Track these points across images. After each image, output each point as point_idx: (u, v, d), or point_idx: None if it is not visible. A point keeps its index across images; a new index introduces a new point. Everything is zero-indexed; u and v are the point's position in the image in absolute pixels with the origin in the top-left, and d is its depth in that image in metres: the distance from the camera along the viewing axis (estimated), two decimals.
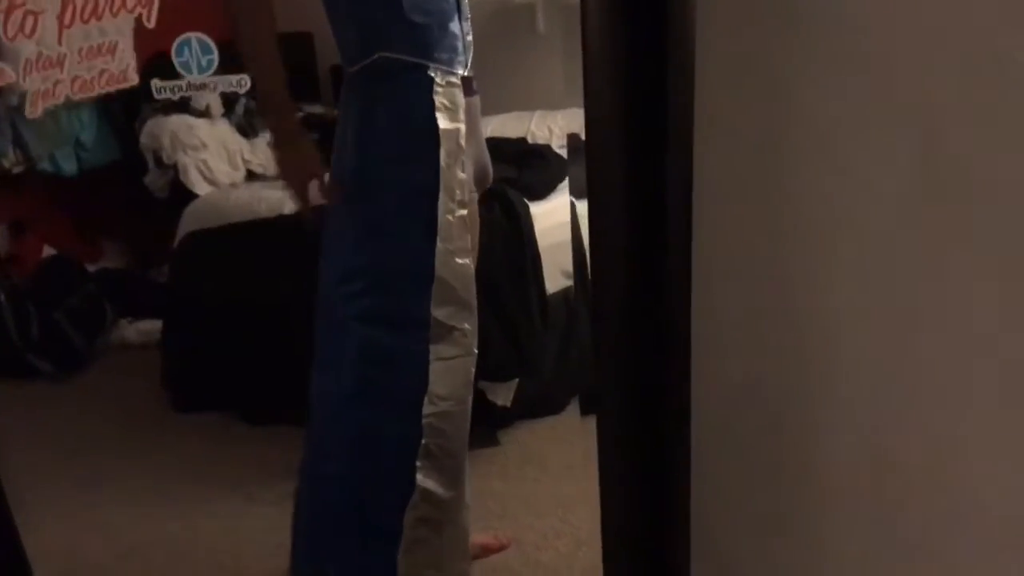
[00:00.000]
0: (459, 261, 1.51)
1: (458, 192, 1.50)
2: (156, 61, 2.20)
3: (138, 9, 0.75)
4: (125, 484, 2.42)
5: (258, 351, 2.70)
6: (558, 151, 3.18)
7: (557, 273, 2.66)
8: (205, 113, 3.55)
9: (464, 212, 1.51)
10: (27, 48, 0.77)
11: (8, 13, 0.74)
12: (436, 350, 1.49)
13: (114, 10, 0.75)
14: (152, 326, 3.28)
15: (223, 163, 3.66)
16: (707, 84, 0.96)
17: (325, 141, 1.60)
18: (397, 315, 1.51)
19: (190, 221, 2.93)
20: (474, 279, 1.56)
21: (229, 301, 2.76)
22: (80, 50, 0.77)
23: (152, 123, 3.41)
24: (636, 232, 1.06)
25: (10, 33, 0.74)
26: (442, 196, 1.48)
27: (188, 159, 3.57)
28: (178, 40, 0.87)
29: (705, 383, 1.06)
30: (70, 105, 3.18)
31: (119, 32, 0.79)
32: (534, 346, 2.52)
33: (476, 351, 1.56)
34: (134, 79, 0.82)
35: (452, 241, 1.49)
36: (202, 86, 0.87)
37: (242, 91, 0.88)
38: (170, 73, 1.12)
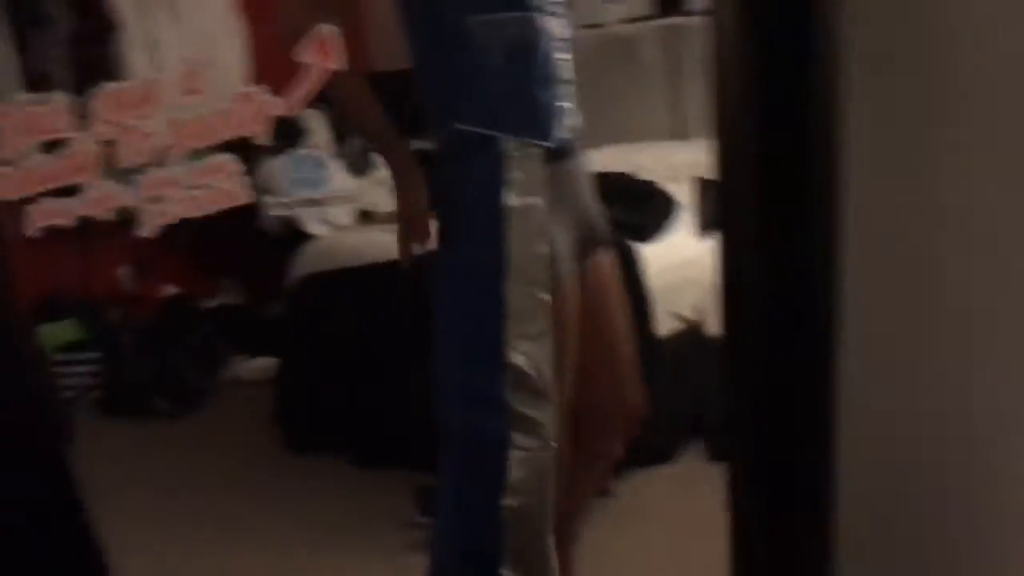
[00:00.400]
0: (535, 346, 1.40)
1: (536, 272, 1.40)
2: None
3: (252, 128, 0.72)
4: (230, 524, 2.47)
5: (373, 395, 2.72)
6: (663, 186, 3.08)
7: (667, 316, 2.59)
8: (318, 152, 3.61)
9: (545, 294, 1.40)
10: (141, 172, 0.75)
11: (125, 136, 0.72)
12: (515, 438, 1.40)
13: (227, 130, 0.72)
14: (266, 363, 3.34)
15: (336, 202, 3.70)
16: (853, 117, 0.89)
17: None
18: (474, 396, 1.43)
19: (306, 263, 2.97)
20: (555, 362, 1.44)
21: (346, 344, 2.79)
22: (193, 171, 0.75)
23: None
24: (774, 269, 0.99)
25: (126, 156, 0.72)
26: (511, 278, 1.39)
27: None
28: (294, 158, 0.84)
29: (852, 427, 0.98)
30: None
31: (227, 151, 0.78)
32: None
33: (555, 444, 1.44)
34: (247, 197, 0.80)
35: (526, 324, 1.39)
36: (314, 202, 0.85)
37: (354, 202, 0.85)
38: None
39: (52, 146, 0.79)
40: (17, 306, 0.82)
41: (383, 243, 2.84)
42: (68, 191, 0.79)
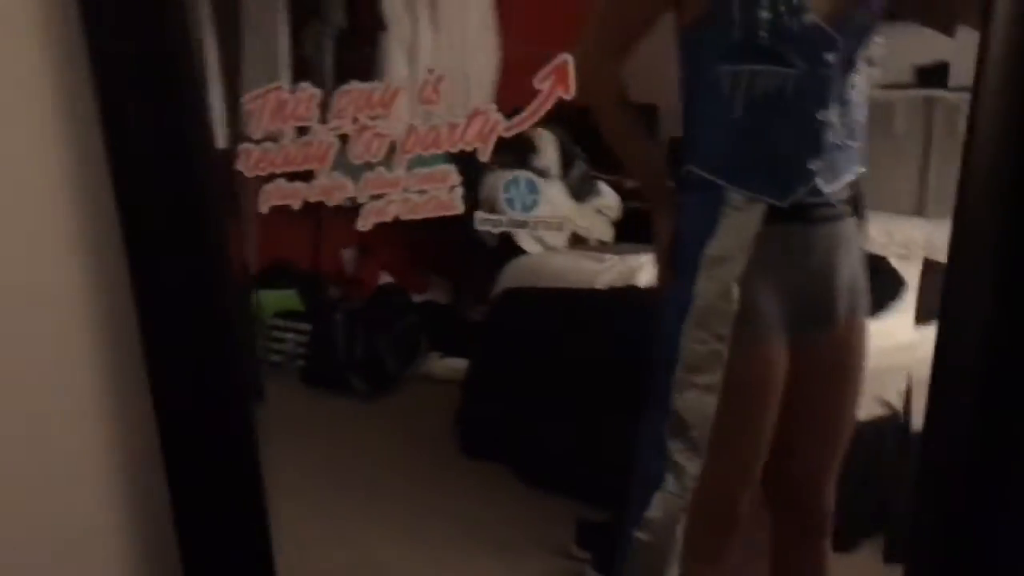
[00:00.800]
0: (701, 397, 1.39)
1: (717, 325, 1.38)
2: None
3: (476, 143, 0.75)
4: (388, 510, 2.56)
5: (551, 417, 2.75)
6: (892, 264, 2.92)
7: (872, 400, 2.44)
8: (544, 173, 3.70)
9: (722, 348, 1.38)
10: (369, 167, 0.79)
11: (359, 134, 0.76)
12: (666, 479, 1.43)
13: (453, 142, 0.75)
14: (459, 364, 3.45)
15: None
16: None
17: None
18: (647, 431, 1.48)
19: (510, 278, 3.05)
20: (724, 420, 1.44)
21: (534, 361, 2.84)
22: (415, 175, 0.78)
23: (493, 176, 3.59)
24: (993, 369, 0.91)
25: (357, 152, 0.77)
26: (692, 324, 1.39)
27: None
28: (508, 178, 0.87)
29: None
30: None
31: (450, 162, 0.81)
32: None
33: (690, 498, 1.46)
34: (460, 208, 0.83)
35: (697, 373, 1.39)
36: (522, 223, 0.87)
37: (560, 230, 0.86)
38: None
39: (300, 132, 0.84)
40: (235, 270, 0.88)
41: (587, 269, 2.90)
42: (303, 176, 0.85)
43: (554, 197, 3.61)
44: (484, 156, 0.79)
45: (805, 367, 1.49)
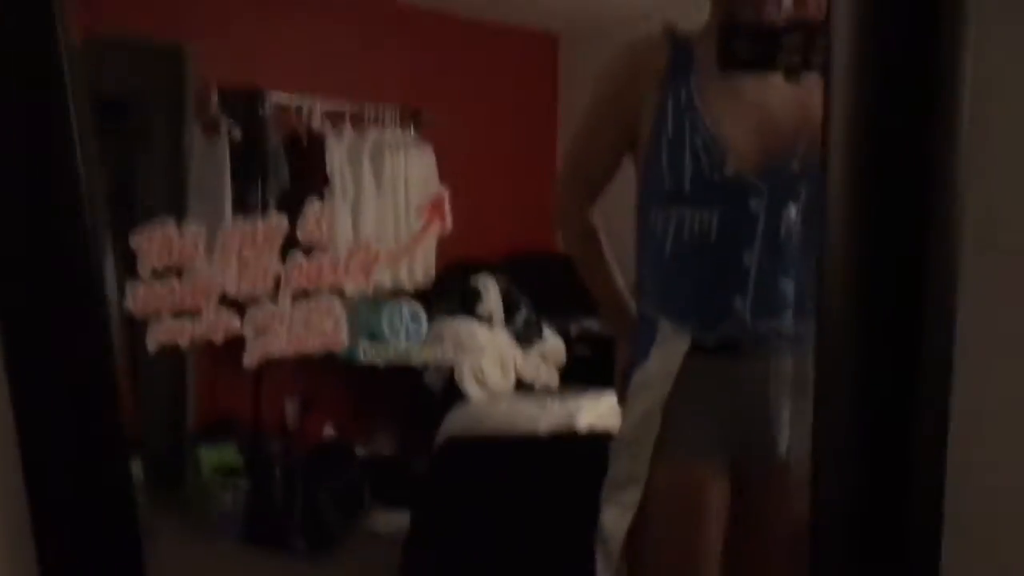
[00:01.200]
0: (621, 515, 1.46)
1: (639, 448, 1.45)
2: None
3: (357, 277, 0.76)
4: None
5: (498, 570, 2.67)
6: None
7: None
8: (488, 320, 3.74)
9: (642, 471, 1.44)
10: (255, 303, 0.80)
11: (244, 269, 0.77)
12: None
13: (335, 277, 0.77)
14: (403, 519, 3.35)
15: (496, 368, 3.78)
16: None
17: None
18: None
19: (453, 426, 3.02)
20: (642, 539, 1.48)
21: (478, 514, 2.78)
22: (300, 308, 0.79)
23: (437, 323, 3.62)
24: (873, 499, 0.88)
25: (241, 289, 0.78)
26: (618, 444, 1.50)
27: (465, 361, 3.74)
28: (390, 307, 0.88)
29: None
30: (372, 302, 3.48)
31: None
32: None
33: None
34: (344, 342, 0.83)
35: (618, 492, 1.47)
36: (406, 352, 0.87)
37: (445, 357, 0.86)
38: None
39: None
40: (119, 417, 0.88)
41: (529, 415, 2.89)
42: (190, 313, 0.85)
43: (500, 342, 3.64)
44: (367, 289, 0.80)
45: (751, 501, 1.49)
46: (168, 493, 3.50)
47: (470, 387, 3.74)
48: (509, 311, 3.87)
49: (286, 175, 3.59)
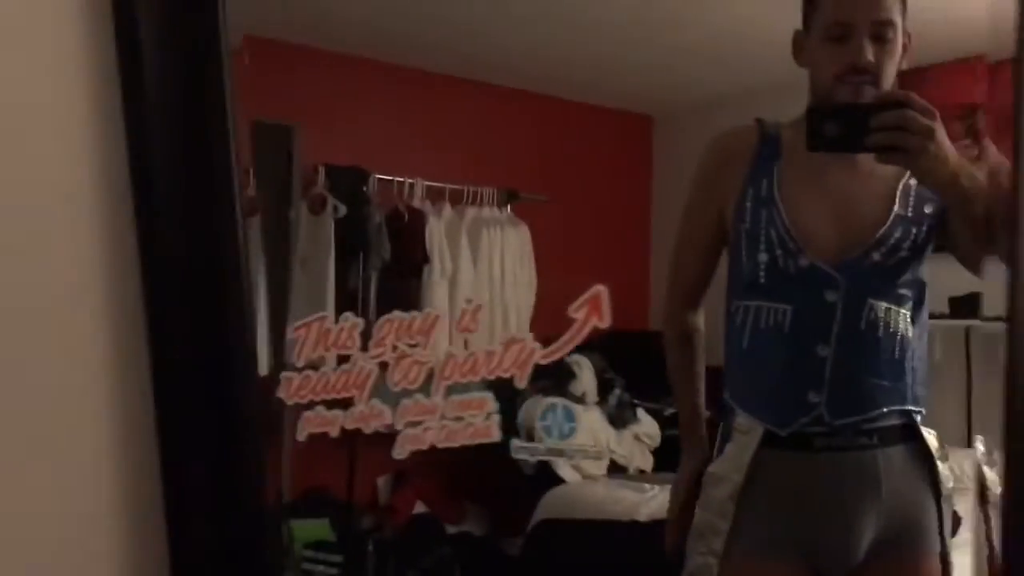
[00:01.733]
0: None
1: (708, 542, 1.44)
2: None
3: (512, 371, 0.75)
4: None
5: None
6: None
7: None
8: (581, 399, 3.70)
9: (714, 561, 1.42)
10: (407, 394, 0.80)
11: (398, 361, 0.77)
12: None
13: (490, 370, 0.76)
14: None
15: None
16: None
17: None
18: None
19: (547, 508, 2.98)
20: None
21: None
22: (452, 402, 0.79)
23: (531, 402, 3.60)
24: None
25: (396, 379, 0.78)
26: (692, 539, 1.48)
27: (563, 443, 3.70)
28: (545, 404, 0.87)
29: None
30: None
31: (487, 389, 0.82)
32: None
33: None
34: (497, 436, 0.82)
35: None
36: (560, 452, 0.86)
37: (599, 458, 0.85)
38: None
39: (341, 361, 0.86)
40: (270, 498, 0.88)
41: (628, 500, 2.83)
42: (342, 403, 0.86)
43: (592, 423, 3.59)
44: (521, 383, 0.79)
45: None
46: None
47: (563, 469, 3.69)
48: (603, 391, 3.83)
49: (387, 250, 3.66)
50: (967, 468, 3.27)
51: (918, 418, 1.45)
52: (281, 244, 3.73)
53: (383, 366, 0.84)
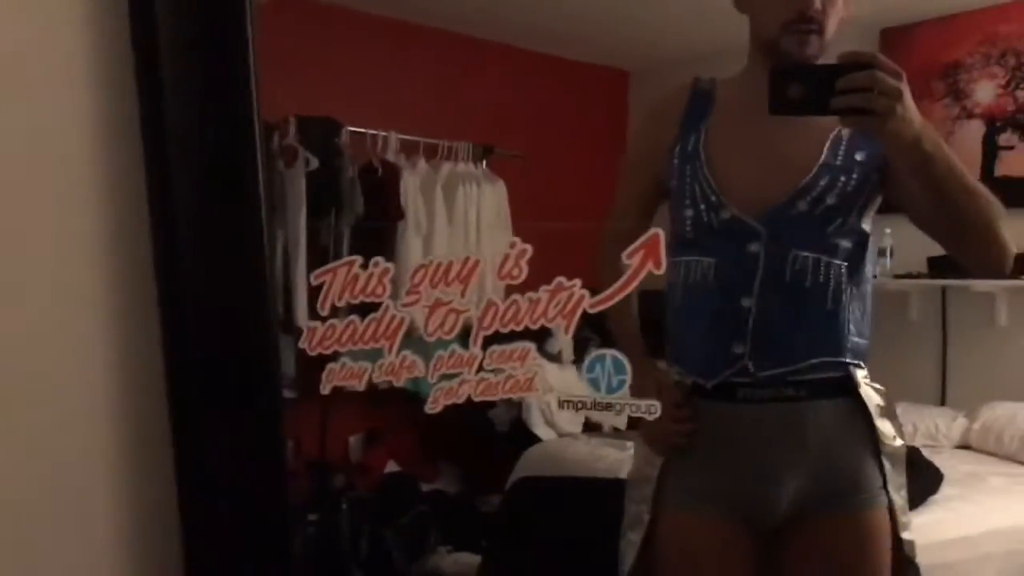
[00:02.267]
0: (627, 550, 1.47)
1: (639, 491, 1.47)
2: None
3: (559, 320, 0.70)
4: None
5: None
6: (928, 458, 2.82)
7: None
8: (557, 358, 3.67)
9: (644, 509, 1.45)
10: (442, 345, 0.74)
11: (432, 310, 0.71)
12: None
13: (534, 318, 0.70)
14: (470, 560, 3.27)
15: (566, 409, 3.71)
16: None
17: None
18: None
19: (527, 466, 2.95)
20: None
21: (553, 557, 2.68)
22: (492, 353, 0.72)
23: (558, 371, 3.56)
24: None
25: (430, 329, 0.71)
26: (628, 487, 1.52)
27: (534, 400, 3.68)
28: (592, 355, 0.81)
29: None
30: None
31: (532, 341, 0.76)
32: None
33: None
34: (538, 389, 0.76)
35: (630, 530, 1.48)
36: (607, 406, 0.81)
37: (651, 415, 0.80)
38: None
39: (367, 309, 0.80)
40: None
41: (612, 458, 2.80)
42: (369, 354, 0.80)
43: (570, 381, 3.56)
44: (568, 333, 0.74)
45: (774, 558, 1.43)
46: None
47: (538, 427, 3.67)
48: (579, 350, 3.79)
49: (360, 204, 3.56)
50: (941, 426, 3.31)
51: (858, 372, 1.42)
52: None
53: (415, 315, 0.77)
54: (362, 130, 3.74)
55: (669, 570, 1.45)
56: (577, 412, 1.05)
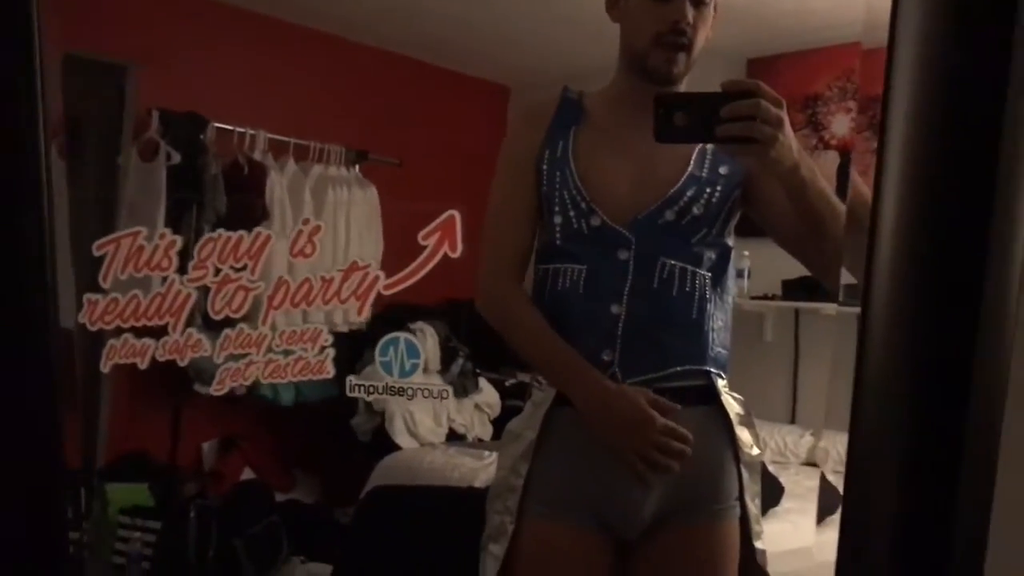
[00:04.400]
0: (490, 564, 1.43)
1: (503, 500, 1.44)
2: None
3: (352, 300, 0.67)
4: None
5: None
6: (771, 468, 2.93)
7: None
8: (424, 368, 3.64)
9: (508, 520, 1.42)
10: (230, 324, 0.70)
11: (220, 287, 0.67)
12: None
13: (326, 298, 0.68)
14: (322, 571, 3.19)
15: (429, 418, 3.68)
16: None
17: None
18: None
19: (381, 475, 2.90)
20: None
21: (406, 567, 2.64)
22: (282, 334, 0.69)
23: (371, 369, 3.50)
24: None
25: (217, 307, 0.68)
26: (491, 497, 1.47)
27: (396, 409, 3.63)
28: (384, 339, 0.79)
29: None
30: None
31: (325, 321, 0.73)
32: None
33: None
34: (329, 372, 0.74)
35: (491, 542, 1.44)
36: (400, 390, 0.79)
37: (442, 400, 0.78)
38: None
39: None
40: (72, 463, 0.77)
41: (466, 467, 2.80)
42: (153, 332, 0.75)
43: (441, 401, 3.54)
44: (361, 315, 0.72)
45: (637, 566, 1.44)
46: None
47: (400, 436, 3.62)
48: (446, 360, 3.77)
49: (223, 203, 3.46)
50: (790, 443, 3.44)
51: (719, 381, 1.45)
52: (109, 190, 3.47)
53: (203, 291, 0.74)
54: (229, 127, 3.64)
55: None
56: (369, 397, 1.03)
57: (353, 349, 3.45)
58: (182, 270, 0.74)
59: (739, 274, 3.58)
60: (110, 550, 3.20)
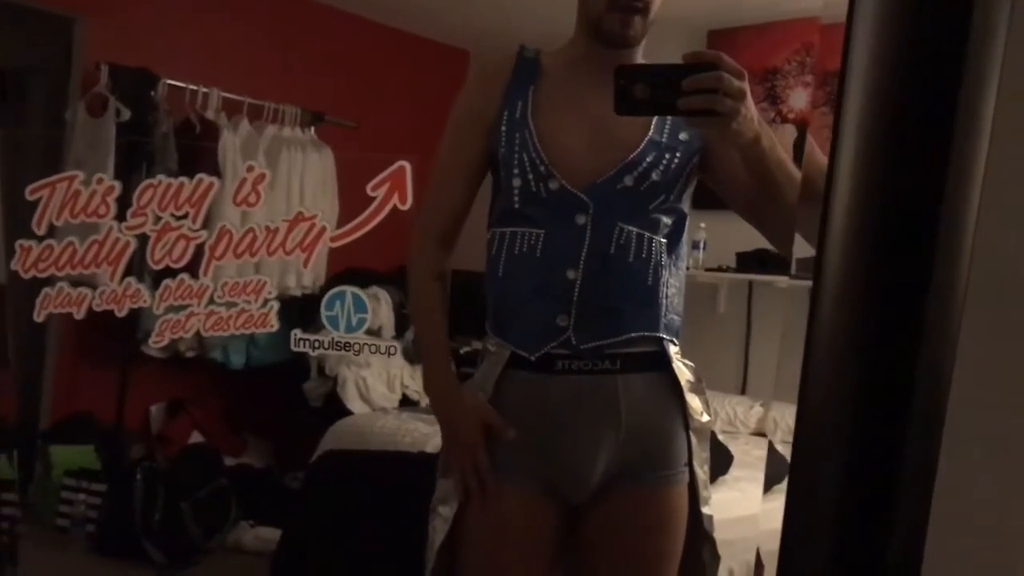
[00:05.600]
0: (438, 526, 1.44)
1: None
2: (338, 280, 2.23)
3: (297, 252, 0.65)
4: None
5: None
6: (721, 437, 2.96)
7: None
8: (377, 333, 3.61)
9: (446, 511, 1.43)
10: (170, 274, 0.68)
11: (160, 235, 0.65)
12: None
13: (271, 249, 0.66)
14: (271, 535, 3.17)
15: (381, 384, 3.66)
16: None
17: None
18: None
19: (332, 439, 2.88)
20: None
21: (354, 533, 2.63)
22: (224, 285, 0.67)
23: (324, 333, 3.47)
24: (844, 542, 0.84)
25: (156, 256, 0.66)
26: (442, 455, 1.48)
27: (349, 374, 3.61)
28: (331, 292, 0.77)
29: None
30: None
31: (269, 273, 0.71)
32: None
33: None
34: (273, 325, 0.72)
35: (441, 504, 1.45)
36: (346, 345, 0.77)
37: (389, 356, 0.77)
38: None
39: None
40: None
41: (418, 432, 2.78)
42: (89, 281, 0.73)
43: (388, 357, 3.52)
44: (306, 267, 0.69)
45: (585, 529, 1.44)
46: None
47: (352, 401, 3.60)
48: (400, 326, 3.75)
49: (175, 163, 3.39)
50: (740, 413, 3.48)
51: (671, 348, 1.45)
52: (54, 146, 3.38)
53: (141, 240, 0.71)
54: (182, 84, 3.56)
55: (478, 544, 1.43)
56: (314, 352, 1.01)
57: (304, 313, 3.43)
58: (121, 217, 0.71)
59: (694, 246, 3.60)
60: (54, 512, 3.15)
